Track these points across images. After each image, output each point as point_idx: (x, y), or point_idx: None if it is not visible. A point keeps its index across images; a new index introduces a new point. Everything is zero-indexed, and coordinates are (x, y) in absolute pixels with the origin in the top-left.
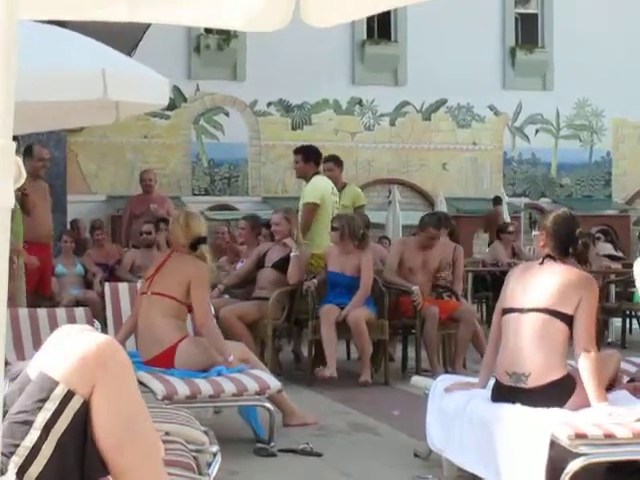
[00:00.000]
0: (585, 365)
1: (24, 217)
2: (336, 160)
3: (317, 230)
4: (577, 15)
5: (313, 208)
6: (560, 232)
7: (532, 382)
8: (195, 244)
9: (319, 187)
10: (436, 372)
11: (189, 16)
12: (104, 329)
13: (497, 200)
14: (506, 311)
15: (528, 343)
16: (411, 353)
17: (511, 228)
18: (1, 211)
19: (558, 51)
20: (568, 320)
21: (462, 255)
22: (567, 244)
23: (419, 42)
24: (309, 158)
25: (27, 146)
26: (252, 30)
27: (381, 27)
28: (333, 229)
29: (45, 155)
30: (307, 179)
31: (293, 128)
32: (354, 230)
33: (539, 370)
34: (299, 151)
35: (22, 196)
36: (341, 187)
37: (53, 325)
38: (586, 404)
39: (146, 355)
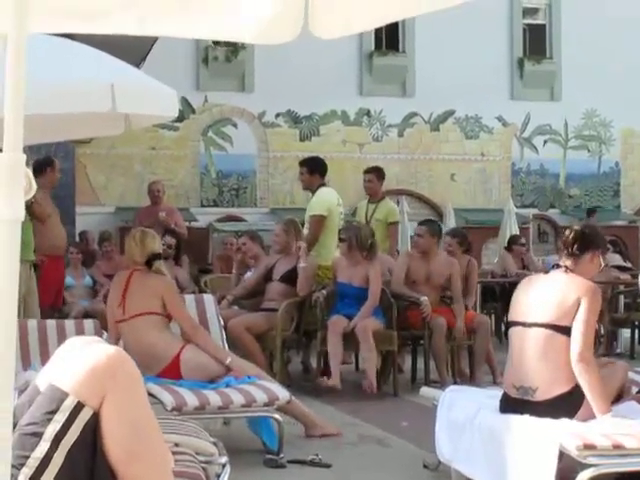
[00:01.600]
0: (582, 377)
1: (39, 229)
2: (378, 172)
3: (323, 242)
4: (585, 25)
5: (320, 220)
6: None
7: (540, 396)
8: (150, 260)
9: (325, 199)
10: (445, 383)
11: (198, 29)
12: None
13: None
14: (511, 324)
15: (533, 358)
16: (420, 364)
17: (522, 240)
18: (12, 223)
19: (566, 62)
20: (571, 333)
21: (476, 268)
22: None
23: (427, 53)
24: (314, 170)
25: (47, 157)
26: (261, 43)
27: (389, 38)
28: (341, 240)
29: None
30: (313, 191)
31: (301, 139)
32: (362, 241)
33: (546, 384)
34: (304, 163)
35: (31, 205)
36: (379, 199)
37: (62, 337)
38: (595, 416)
39: (150, 374)
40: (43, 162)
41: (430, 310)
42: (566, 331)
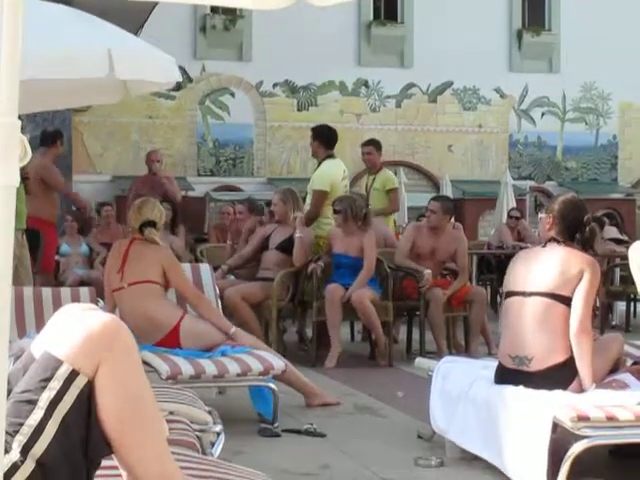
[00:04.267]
0: (579, 346)
1: (51, 196)
2: (376, 144)
3: (324, 213)
4: None
5: (322, 195)
6: (568, 217)
7: (535, 365)
8: (142, 226)
9: (330, 174)
10: (443, 354)
11: None
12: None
13: None
14: (509, 294)
15: (530, 327)
16: (415, 335)
17: (513, 213)
18: (6, 189)
19: (565, 34)
20: (570, 303)
21: (461, 230)
22: (574, 229)
23: (425, 24)
24: (321, 139)
25: (57, 130)
26: (259, 8)
27: (387, 8)
28: (335, 212)
29: None
30: (318, 160)
31: (299, 109)
32: (356, 211)
33: (541, 353)
34: (313, 130)
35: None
36: (377, 170)
37: (57, 304)
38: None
39: (148, 343)
40: (54, 134)
41: (429, 284)
42: (565, 301)
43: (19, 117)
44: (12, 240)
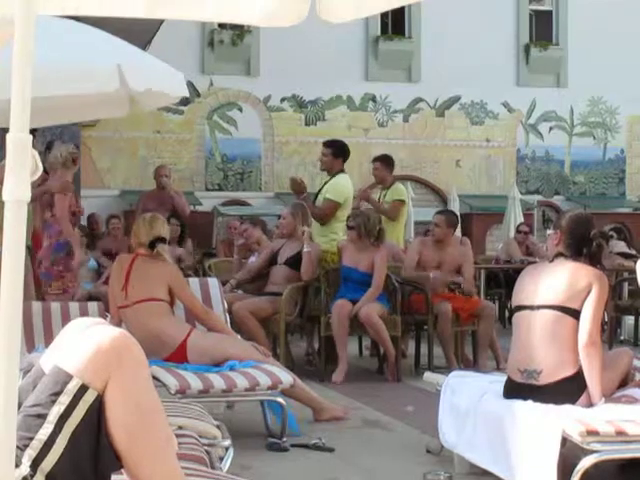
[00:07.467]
0: (588, 360)
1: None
2: (383, 160)
3: (334, 228)
4: (591, 12)
5: (335, 206)
6: (575, 233)
7: (544, 379)
8: (154, 243)
9: (345, 188)
10: (453, 368)
11: (205, 12)
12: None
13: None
14: (517, 308)
15: (539, 340)
16: (423, 350)
17: (521, 228)
18: (18, 203)
19: (572, 48)
20: (579, 316)
21: (468, 245)
22: (581, 245)
23: (433, 38)
24: (339, 154)
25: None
26: (268, 26)
27: (395, 23)
28: (349, 227)
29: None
30: (331, 174)
31: (306, 124)
32: (370, 228)
33: (551, 367)
34: (330, 145)
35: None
36: (389, 185)
37: (66, 319)
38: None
39: (156, 359)
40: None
41: (434, 287)
42: (574, 314)
43: (32, 131)
44: (23, 254)
